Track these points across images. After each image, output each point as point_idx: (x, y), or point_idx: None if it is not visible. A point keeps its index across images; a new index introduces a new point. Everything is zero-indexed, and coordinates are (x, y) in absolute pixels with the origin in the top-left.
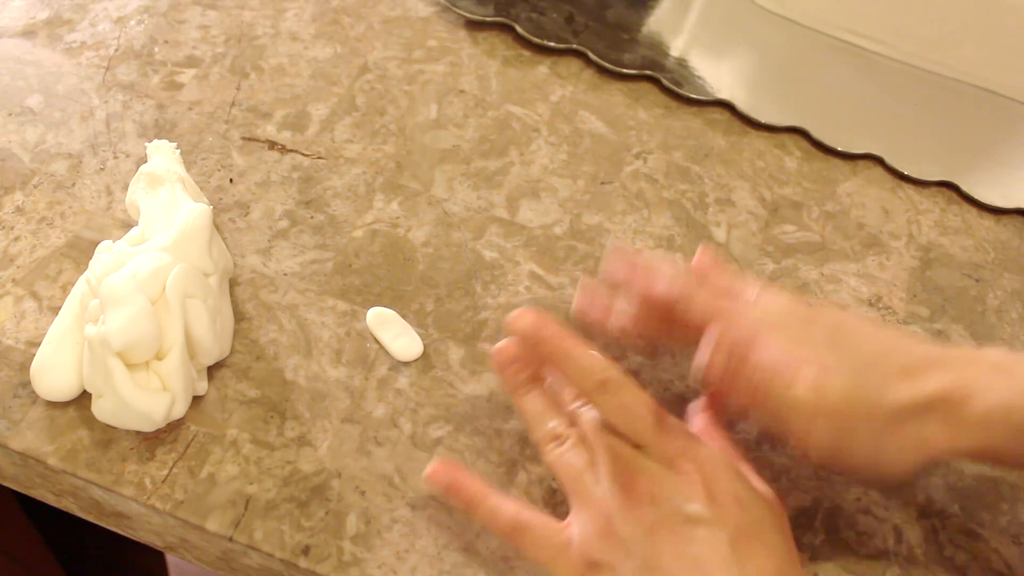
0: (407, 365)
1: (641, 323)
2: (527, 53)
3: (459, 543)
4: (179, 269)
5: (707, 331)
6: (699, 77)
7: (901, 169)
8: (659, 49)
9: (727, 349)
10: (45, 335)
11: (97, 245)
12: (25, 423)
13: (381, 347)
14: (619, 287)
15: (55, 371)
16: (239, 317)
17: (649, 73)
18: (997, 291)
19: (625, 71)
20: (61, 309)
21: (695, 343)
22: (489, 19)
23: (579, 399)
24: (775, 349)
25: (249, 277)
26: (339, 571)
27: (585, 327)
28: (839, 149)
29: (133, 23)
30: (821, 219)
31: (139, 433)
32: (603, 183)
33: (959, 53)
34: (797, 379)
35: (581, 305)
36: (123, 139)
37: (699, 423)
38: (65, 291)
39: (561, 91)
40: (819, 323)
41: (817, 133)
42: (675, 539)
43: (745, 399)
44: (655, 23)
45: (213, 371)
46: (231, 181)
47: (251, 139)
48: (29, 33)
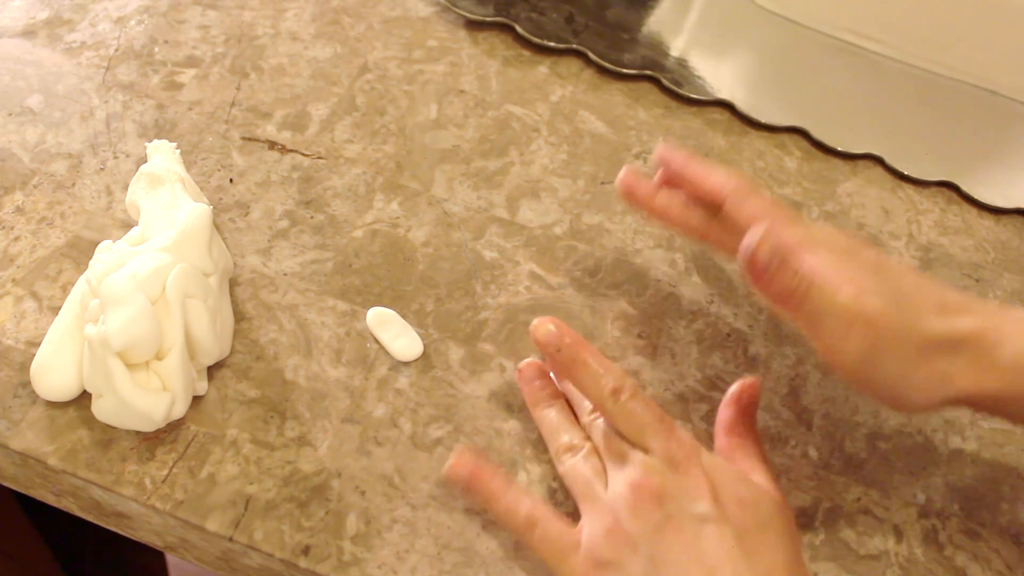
0: (407, 365)
1: (687, 211)
2: (527, 53)
3: (459, 543)
4: (179, 269)
5: (755, 224)
6: (699, 77)
7: (901, 169)
8: (659, 49)
9: (773, 244)
10: (45, 335)
11: (97, 245)
12: (25, 423)
13: (381, 347)
14: (670, 174)
15: (55, 371)
16: (239, 317)
17: (649, 73)
18: (997, 291)
19: (625, 71)
20: (61, 309)
21: (731, 248)
22: (489, 19)
23: (594, 412)
24: (819, 259)
25: (249, 277)
26: (339, 571)
27: (628, 199)
28: (839, 149)
29: (133, 23)
30: (821, 219)
31: (139, 433)
32: (603, 183)
33: (959, 53)
34: (839, 288)
35: (628, 182)
36: (123, 139)
37: (726, 416)
38: (65, 291)
39: (561, 91)
40: (863, 254)
41: (817, 133)
42: (682, 536)
43: (781, 299)
44: (655, 23)
45: (213, 371)
46: (231, 181)
47: (251, 139)
48: (29, 33)
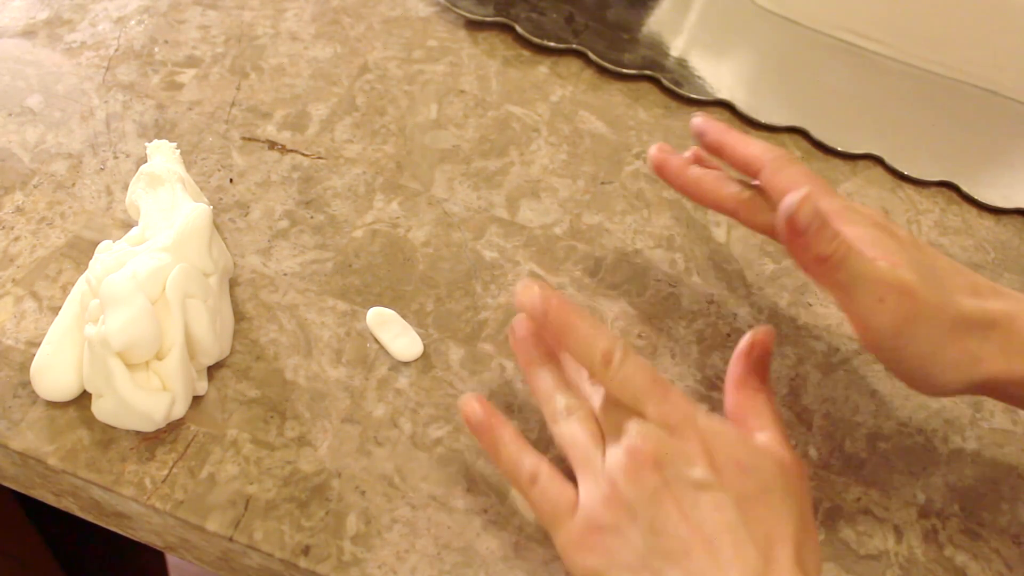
0: (407, 365)
1: (718, 184)
2: (527, 53)
3: (459, 543)
4: (179, 269)
5: (796, 188)
6: (699, 77)
7: (901, 169)
8: (659, 49)
9: (814, 207)
10: (45, 335)
11: (97, 245)
12: (25, 423)
13: (381, 347)
14: (708, 142)
15: (55, 371)
16: (239, 317)
17: (649, 73)
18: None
19: (625, 71)
20: (61, 309)
21: (760, 225)
22: (489, 19)
23: (590, 379)
24: (857, 230)
25: (249, 277)
26: (339, 571)
27: (660, 172)
28: (839, 149)
29: (133, 23)
30: None
31: (139, 433)
32: (603, 183)
33: (959, 53)
34: (876, 258)
35: (660, 157)
36: (123, 139)
37: (736, 372)
38: (65, 291)
39: (561, 91)
40: (899, 232)
41: (817, 133)
42: (680, 505)
43: (816, 264)
44: (655, 23)
45: (213, 371)
46: (231, 181)
47: (251, 139)
48: (29, 33)
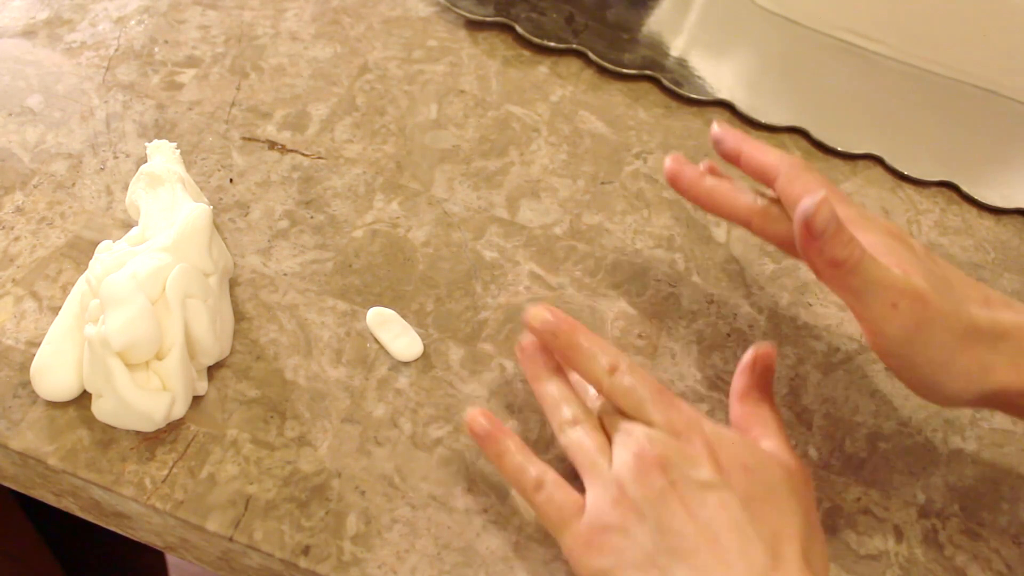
0: (407, 365)
1: (733, 195)
2: (527, 53)
3: (459, 543)
4: (179, 269)
5: (812, 192)
6: (699, 77)
7: (901, 169)
8: (659, 49)
9: (831, 211)
10: (45, 335)
11: (97, 245)
12: (25, 423)
13: (381, 347)
14: (725, 149)
15: (55, 371)
16: (239, 317)
17: (649, 73)
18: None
19: (625, 71)
20: (61, 309)
21: (775, 236)
22: (489, 19)
23: (598, 395)
24: (872, 236)
25: (249, 277)
26: (339, 571)
27: (674, 183)
28: (839, 149)
29: (133, 23)
30: None
31: (139, 433)
32: (603, 183)
33: (959, 53)
34: (889, 263)
35: (674, 168)
36: (123, 139)
37: (740, 384)
38: (65, 291)
39: (561, 91)
40: (912, 242)
41: (817, 133)
42: (687, 504)
43: (830, 268)
44: (655, 23)
45: (213, 371)
46: (231, 181)
47: (251, 139)
48: (29, 33)
